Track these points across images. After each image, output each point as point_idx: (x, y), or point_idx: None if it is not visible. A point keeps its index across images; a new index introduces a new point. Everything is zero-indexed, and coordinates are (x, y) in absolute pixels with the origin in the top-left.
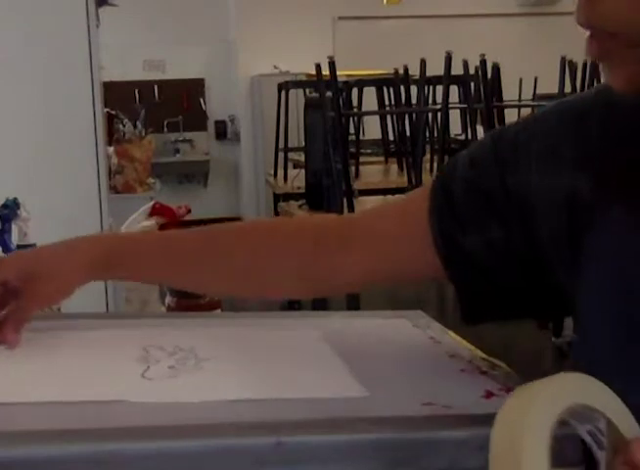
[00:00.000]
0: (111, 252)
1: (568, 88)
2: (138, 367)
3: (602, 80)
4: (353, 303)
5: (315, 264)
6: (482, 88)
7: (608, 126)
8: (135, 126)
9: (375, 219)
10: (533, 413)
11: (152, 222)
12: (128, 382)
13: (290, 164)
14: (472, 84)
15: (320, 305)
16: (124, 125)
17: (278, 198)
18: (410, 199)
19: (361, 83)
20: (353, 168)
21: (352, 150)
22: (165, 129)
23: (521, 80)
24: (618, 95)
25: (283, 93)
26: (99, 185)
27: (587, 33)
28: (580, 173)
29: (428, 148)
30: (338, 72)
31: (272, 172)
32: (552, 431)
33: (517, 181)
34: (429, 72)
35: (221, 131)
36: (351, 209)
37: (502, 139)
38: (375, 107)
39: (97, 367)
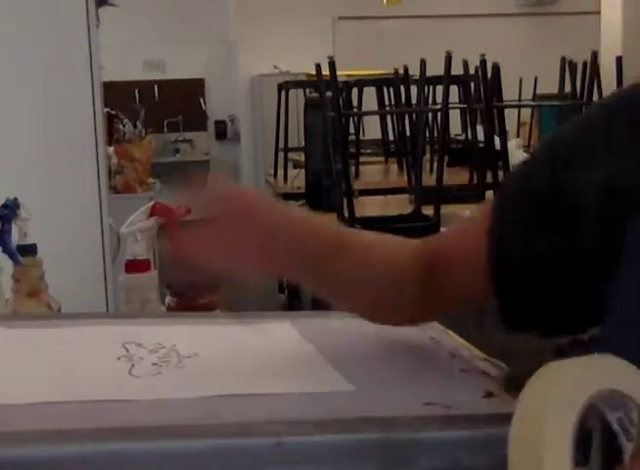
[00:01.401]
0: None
1: (568, 88)
2: (122, 365)
3: (601, 80)
4: None
5: (424, 298)
6: (482, 88)
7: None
8: (135, 126)
9: (460, 251)
10: (556, 398)
11: (152, 222)
12: (117, 380)
13: (290, 164)
14: (472, 84)
15: (320, 305)
16: (124, 125)
17: (278, 198)
18: (481, 218)
19: (361, 83)
20: (353, 168)
21: (352, 150)
22: (165, 129)
23: (521, 80)
24: None
25: (283, 93)
26: (99, 185)
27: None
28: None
29: (428, 148)
30: (338, 72)
31: (272, 172)
32: (578, 416)
33: (569, 179)
34: (429, 72)
35: (221, 131)
36: (351, 209)
37: (559, 142)
38: (375, 107)
39: (81, 366)
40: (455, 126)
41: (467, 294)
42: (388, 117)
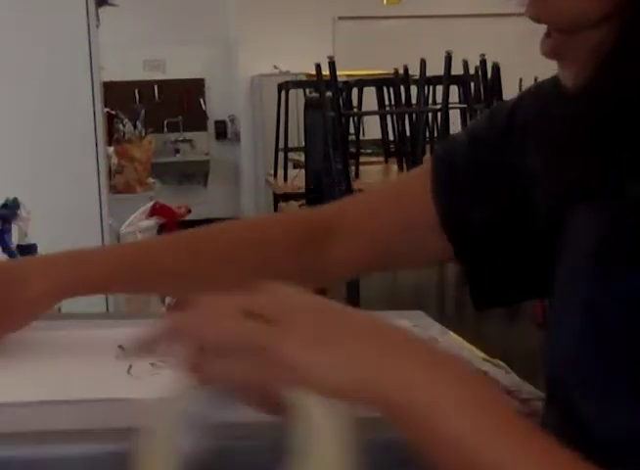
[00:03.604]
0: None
1: None
2: (120, 365)
3: None
4: (354, 303)
5: (303, 263)
6: (482, 88)
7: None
8: (135, 126)
9: (370, 209)
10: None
11: (152, 222)
12: (117, 380)
13: (290, 164)
14: (472, 84)
15: None
16: (124, 125)
17: (278, 198)
18: (408, 180)
19: (361, 83)
20: (353, 168)
21: (352, 150)
22: (165, 129)
23: (521, 80)
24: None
25: (283, 93)
26: (99, 185)
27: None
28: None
29: (428, 148)
30: (338, 72)
31: (272, 172)
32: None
33: (513, 158)
34: (429, 72)
35: (221, 131)
36: None
37: (498, 114)
38: (375, 107)
39: (80, 367)
40: (455, 126)
41: (405, 253)
42: (389, 117)
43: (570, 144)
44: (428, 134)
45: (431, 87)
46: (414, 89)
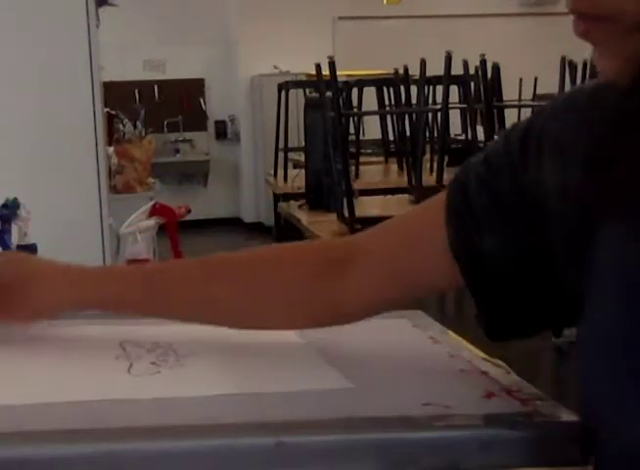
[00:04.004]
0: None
1: (567, 88)
2: (121, 365)
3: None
4: None
5: (316, 295)
6: (482, 88)
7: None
8: (135, 126)
9: (382, 236)
10: None
11: (152, 222)
12: (116, 380)
13: (290, 164)
14: (472, 84)
15: None
16: (124, 125)
17: (278, 198)
18: (422, 207)
19: (361, 83)
20: (353, 168)
21: (352, 150)
22: (165, 129)
23: (521, 80)
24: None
25: (283, 93)
26: (99, 185)
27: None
28: (587, 174)
29: (428, 148)
30: (338, 72)
31: (272, 172)
32: None
33: (529, 180)
34: (429, 72)
35: (221, 131)
36: (351, 208)
37: (513, 137)
38: (375, 107)
39: (79, 366)
40: (455, 126)
41: (416, 281)
42: (389, 117)
43: (614, 151)
44: (428, 134)
45: (431, 87)
46: (414, 89)
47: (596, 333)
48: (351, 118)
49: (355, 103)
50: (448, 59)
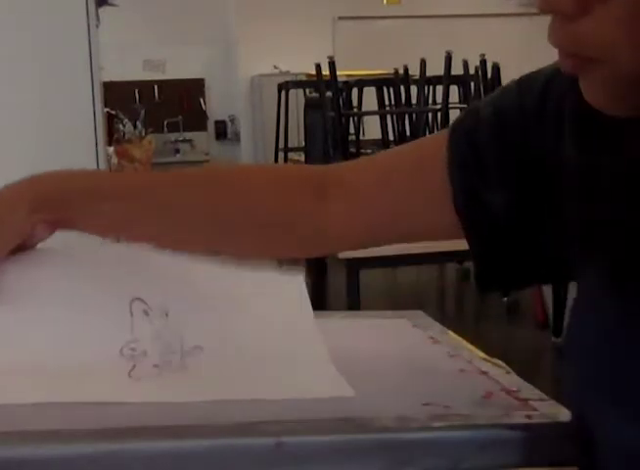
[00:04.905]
0: (55, 191)
1: None
2: (124, 365)
3: None
4: (354, 303)
5: (314, 216)
6: (482, 88)
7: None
8: (135, 126)
9: (382, 171)
10: None
11: None
12: (116, 382)
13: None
14: (472, 84)
15: (320, 305)
16: (124, 125)
17: None
18: (422, 146)
19: (361, 83)
20: None
21: (352, 150)
22: (165, 129)
23: None
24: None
25: (283, 93)
26: None
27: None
28: (601, 156)
29: None
30: (338, 72)
31: None
32: None
33: (545, 148)
34: (429, 72)
35: (221, 131)
36: None
37: (528, 98)
38: (375, 107)
39: (82, 360)
40: None
41: (410, 223)
42: (389, 117)
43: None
44: (428, 134)
45: (431, 87)
46: (414, 89)
47: (584, 332)
48: (351, 118)
49: (355, 103)
50: (448, 59)
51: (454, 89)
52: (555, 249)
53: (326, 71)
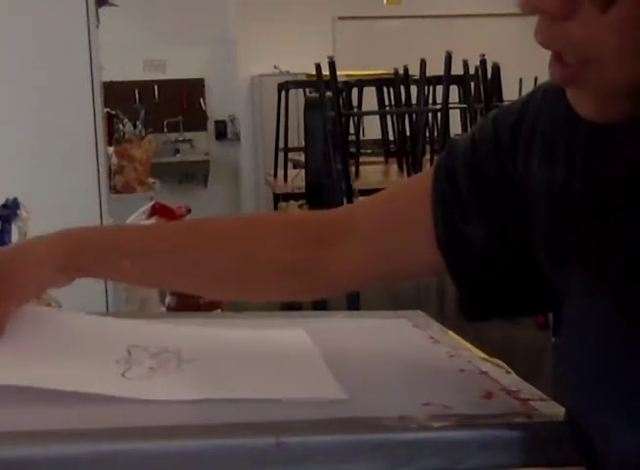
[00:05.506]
0: (76, 247)
1: None
2: (119, 367)
3: None
4: (353, 303)
5: (310, 261)
6: (482, 88)
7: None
8: (135, 126)
9: (376, 211)
10: None
11: (152, 222)
12: (107, 380)
13: (290, 164)
14: (472, 84)
15: (320, 305)
16: (124, 125)
17: (278, 198)
18: (414, 184)
19: (361, 83)
20: (353, 168)
21: (352, 150)
22: (165, 129)
23: (521, 80)
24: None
25: (283, 93)
26: (99, 185)
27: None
28: (572, 173)
29: (428, 148)
30: (338, 72)
31: (272, 172)
32: None
33: (517, 172)
34: (429, 72)
35: (221, 131)
36: None
37: (503, 124)
38: (375, 107)
39: (77, 360)
40: (455, 126)
41: (401, 259)
42: (389, 117)
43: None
44: (428, 134)
45: (431, 87)
46: (414, 89)
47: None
48: (351, 118)
49: (355, 103)
50: (448, 59)
51: (454, 89)
52: (537, 277)
53: (326, 71)
